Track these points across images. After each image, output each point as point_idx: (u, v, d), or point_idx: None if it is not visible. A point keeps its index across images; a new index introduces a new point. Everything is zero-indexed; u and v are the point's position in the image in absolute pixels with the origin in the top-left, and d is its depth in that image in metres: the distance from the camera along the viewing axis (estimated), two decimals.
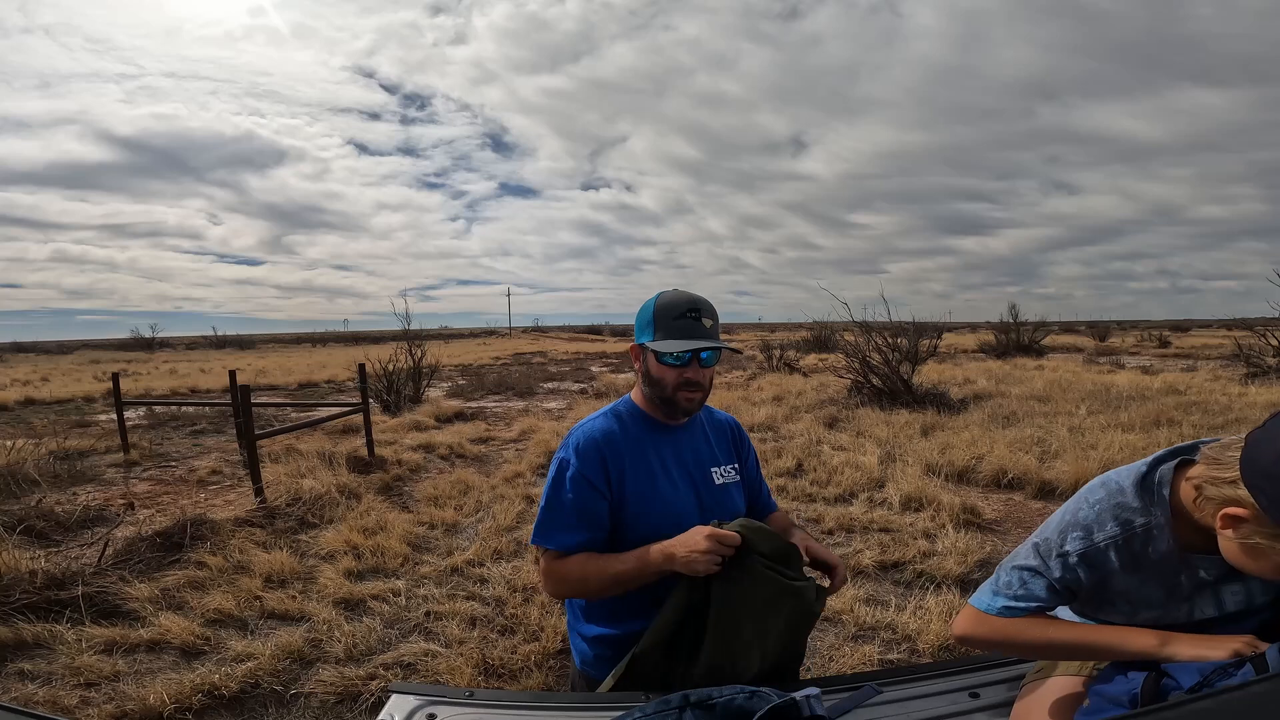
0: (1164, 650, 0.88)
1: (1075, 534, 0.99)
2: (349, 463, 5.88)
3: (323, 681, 2.48)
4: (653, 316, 1.24)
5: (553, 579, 1.20)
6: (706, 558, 1.04)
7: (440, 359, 16.85)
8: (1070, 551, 0.97)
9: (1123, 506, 0.96)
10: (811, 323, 20.46)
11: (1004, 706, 1.07)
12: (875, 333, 10.02)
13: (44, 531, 4.13)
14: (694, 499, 1.27)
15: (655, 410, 1.30)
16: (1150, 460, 0.97)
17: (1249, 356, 13.26)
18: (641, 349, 1.28)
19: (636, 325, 1.29)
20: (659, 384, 1.25)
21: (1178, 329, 48.55)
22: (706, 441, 1.36)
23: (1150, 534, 0.94)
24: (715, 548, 1.05)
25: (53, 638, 2.77)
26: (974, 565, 3.48)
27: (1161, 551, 0.94)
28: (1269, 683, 0.72)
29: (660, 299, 1.26)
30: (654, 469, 1.25)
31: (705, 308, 1.23)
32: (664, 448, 1.29)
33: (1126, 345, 27.57)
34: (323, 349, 45.69)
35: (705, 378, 1.25)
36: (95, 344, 64.15)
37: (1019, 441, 6.27)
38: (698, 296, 1.25)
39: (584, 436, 1.25)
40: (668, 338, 1.21)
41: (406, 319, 13.52)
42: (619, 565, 1.14)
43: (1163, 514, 0.93)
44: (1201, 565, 0.94)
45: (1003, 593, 1.05)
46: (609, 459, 1.22)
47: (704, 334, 1.22)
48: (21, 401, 13.05)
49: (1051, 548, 1.01)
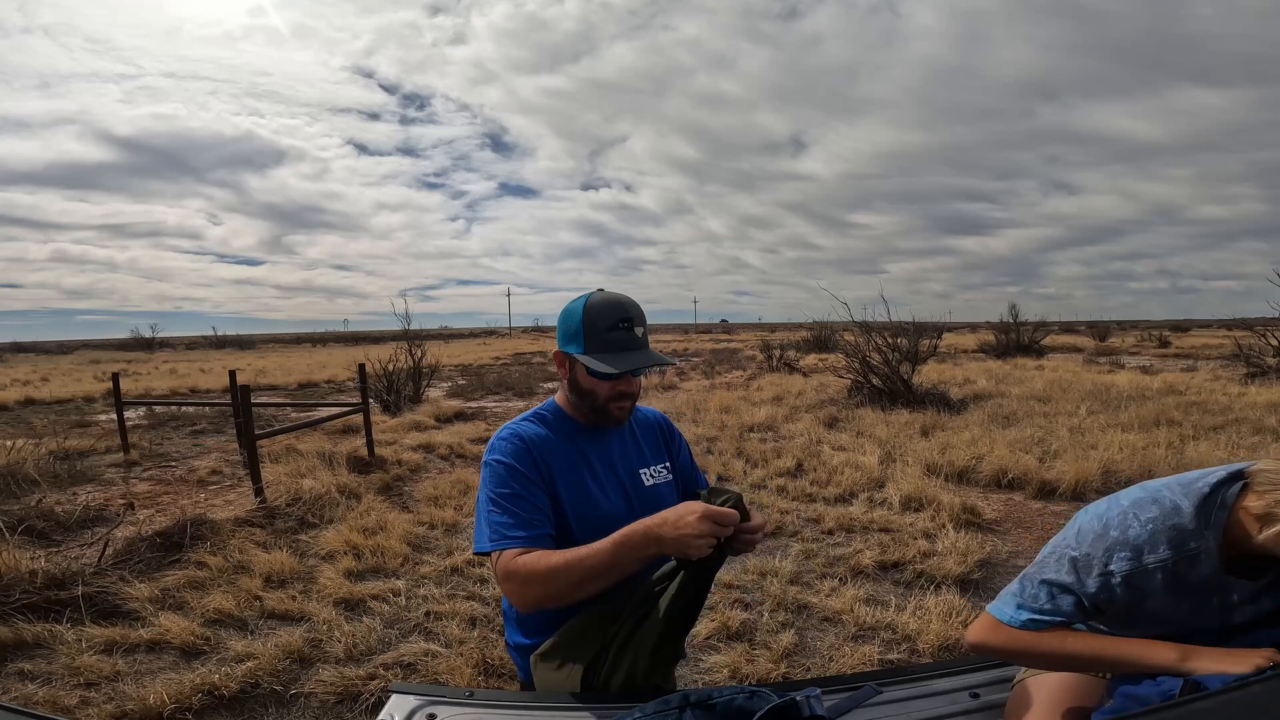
0: (1185, 665, 0.87)
1: (1123, 554, 0.94)
2: (349, 463, 5.88)
3: (323, 681, 2.48)
4: (581, 326, 1.16)
5: (517, 579, 1.02)
6: (701, 540, 0.92)
7: (440, 359, 16.85)
8: (1115, 572, 0.94)
9: (1179, 529, 0.92)
10: (811, 323, 20.48)
11: (1003, 706, 1.06)
12: (875, 333, 10.02)
13: (44, 531, 4.13)
14: (624, 503, 1.22)
15: (582, 416, 1.25)
16: (1212, 482, 0.93)
17: (1249, 356, 13.25)
18: (567, 357, 1.21)
19: (561, 331, 1.22)
20: (590, 395, 1.20)
21: (1178, 329, 48.54)
22: (635, 442, 1.32)
23: (1198, 558, 0.91)
24: (711, 529, 0.92)
25: (53, 638, 2.77)
26: (974, 565, 3.48)
27: (1204, 575, 0.92)
28: (1268, 683, 0.72)
29: (589, 306, 1.17)
30: (583, 474, 1.20)
31: (636, 314, 1.18)
32: (591, 452, 1.24)
33: (1126, 345, 27.57)
34: (323, 349, 45.70)
35: (637, 387, 1.23)
36: (95, 344, 64.18)
37: (1019, 441, 6.27)
38: (627, 300, 1.19)
39: (511, 437, 1.18)
40: (602, 351, 1.15)
41: (406, 319, 13.54)
42: (591, 552, 0.99)
43: (1215, 539, 0.91)
44: (1236, 588, 0.92)
45: (1028, 605, 1.01)
46: (539, 459, 1.16)
47: (638, 345, 1.18)
48: (21, 401, 13.05)
49: (1093, 565, 0.96)
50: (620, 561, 0.97)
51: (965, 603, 2.98)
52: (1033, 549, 3.86)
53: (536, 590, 1.01)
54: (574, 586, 0.99)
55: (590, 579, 0.98)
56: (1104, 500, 1.04)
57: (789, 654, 2.68)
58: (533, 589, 1.01)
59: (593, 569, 0.98)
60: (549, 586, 1.00)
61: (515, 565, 1.03)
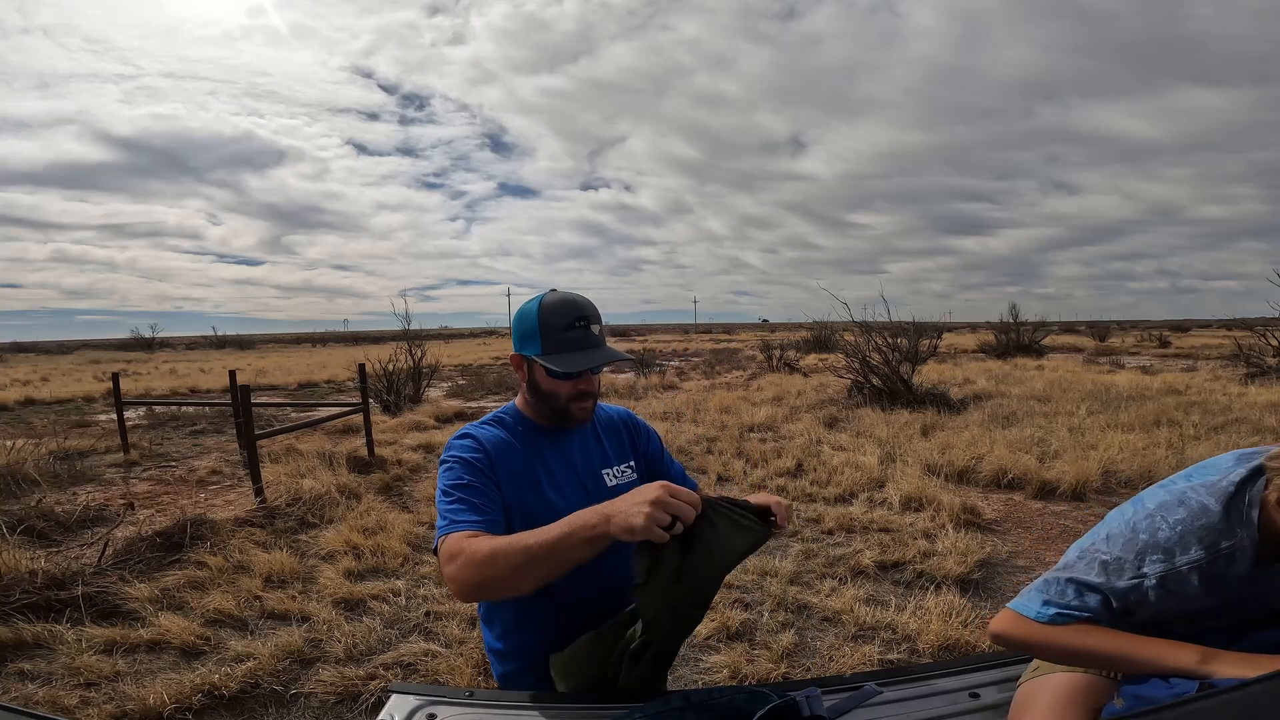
0: (1204, 668, 0.86)
1: (1155, 557, 0.94)
2: (349, 463, 5.88)
3: (323, 681, 2.48)
4: (537, 326, 1.15)
5: (457, 561, 0.95)
6: (648, 511, 0.82)
7: (440, 359, 16.86)
8: (1149, 574, 0.93)
9: (1209, 529, 0.92)
10: (811, 323, 20.48)
11: (1004, 706, 1.06)
12: (875, 333, 10.02)
13: (44, 531, 4.13)
14: (583, 505, 1.15)
15: (543, 418, 1.24)
16: (1236, 481, 0.93)
17: (1249, 356, 13.26)
18: (524, 359, 1.20)
19: (517, 334, 1.20)
20: (550, 397, 1.19)
21: (1178, 329, 48.56)
22: (597, 443, 1.30)
23: (1233, 557, 0.91)
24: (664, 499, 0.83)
25: (53, 638, 2.77)
26: (974, 565, 3.47)
27: (1240, 573, 0.92)
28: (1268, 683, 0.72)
29: (543, 307, 1.16)
30: (539, 477, 1.18)
31: (592, 312, 1.17)
32: (551, 455, 1.22)
33: (1126, 345, 27.58)
34: (323, 349, 45.71)
35: (597, 385, 1.22)
36: (95, 344, 64.17)
37: (1019, 441, 6.27)
38: (581, 299, 1.18)
39: (465, 437, 1.18)
40: (559, 350, 1.14)
41: (406, 319, 13.55)
42: (537, 534, 0.91)
43: (1249, 536, 0.91)
44: (1275, 578, 0.92)
45: (1054, 601, 1.01)
46: (495, 461, 1.14)
47: (596, 343, 1.17)
48: (21, 401, 13.06)
49: (1124, 569, 0.96)
50: (567, 544, 0.89)
51: (965, 603, 2.98)
52: (1033, 549, 3.86)
53: (475, 573, 0.93)
54: (515, 571, 0.90)
55: (533, 563, 0.90)
56: (1128, 503, 1.04)
57: (789, 654, 2.68)
58: (471, 572, 0.94)
59: (536, 552, 0.89)
60: (488, 569, 0.92)
61: (459, 546, 0.97)
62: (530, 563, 0.90)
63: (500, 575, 0.91)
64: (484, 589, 0.95)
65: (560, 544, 0.89)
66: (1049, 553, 3.78)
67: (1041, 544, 3.94)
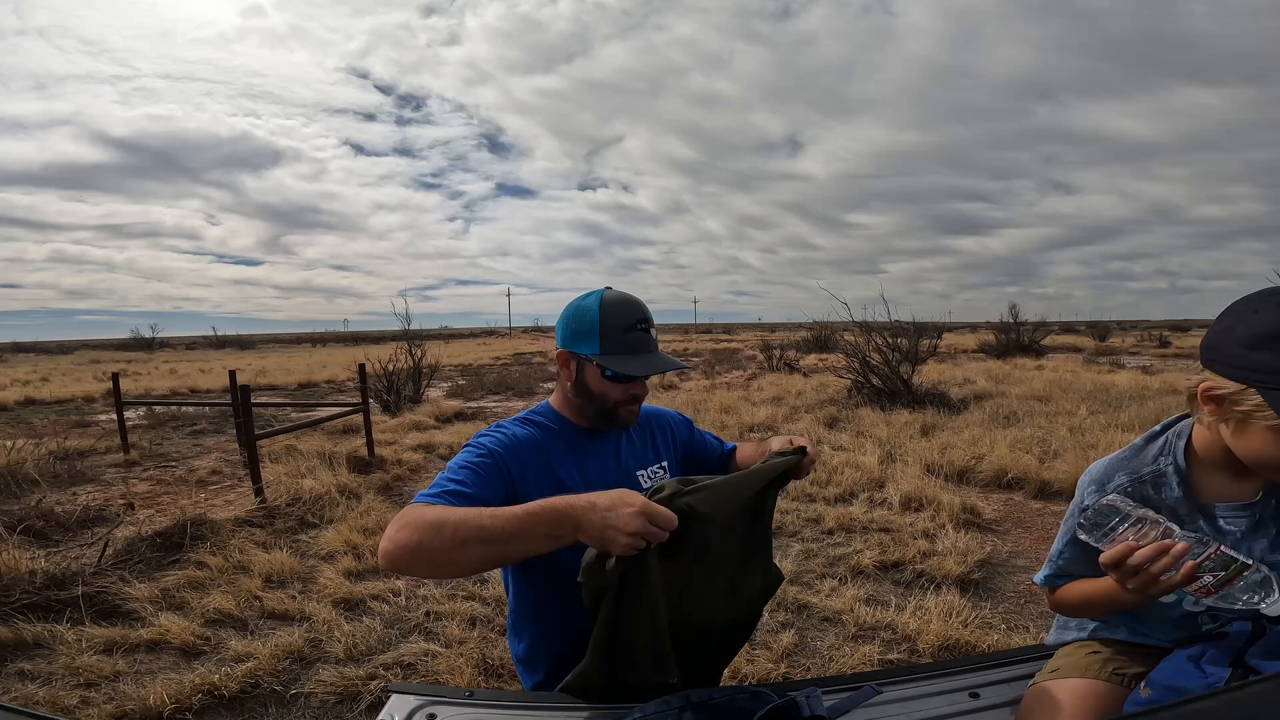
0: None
1: (1090, 489, 1.07)
2: (349, 463, 5.88)
3: (323, 681, 2.48)
4: (597, 325, 1.11)
5: (401, 521, 0.88)
6: (628, 539, 0.80)
7: (440, 359, 16.85)
8: (1089, 506, 1.00)
9: (1133, 457, 1.04)
10: (811, 323, 20.48)
11: (1004, 706, 1.06)
12: (875, 333, 10.02)
13: (44, 531, 4.13)
14: None
15: (583, 419, 1.20)
16: (1163, 422, 1.06)
17: None
18: (574, 357, 1.15)
19: (570, 331, 1.16)
20: (599, 398, 1.15)
21: (1177, 329, 48.54)
22: (632, 444, 1.28)
23: (1160, 480, 0.99)
24: (644, 528, 0.80)
25: (53, 638, 2.77)
26: (974, 565, 3.47)
27: (1174, 498, 0.97)
28: (1269, 683, 0.72)
29: (605, 305, 1.13)
30: (574, 478, 1.14)
31: (649, 316, 1.16)
32: (588, 456, 1.19)
33: (1126, 345, 27.56)
34: (322, 349, 45.70)
35: (646, 389, 1.21)
36: (95, 344, 64.19)
37: (1019, 441, 6.27)
38: (641, 301, 1.16)
39: (495, 432, 1.14)
40: (619, 352, 1.10)
41: (406, 319, 13.53)
42: (494, 513, 0.85)
43: (1170, 463, 0.98)
44: (1223, 514, 0.96)
45: (1048, 565, 1.17)
46: (520, 457, 1.09)
47: (654, 348, 1.15)
48: (21, 401, 13.05)
49: (1074, 511, 1.11)
50: (524, 532, 0.83)
51: (965, 603, 2.98)
52: (1033, 549, 3.86)
53: (413, 536, 0.85)
54: (459, 544, 0.83)
55: (484, 541, 0.83)
56: None
57: (789, 654, 2.68)
58: (409, 534, 0.85)
59: (491, 532, 0.83)
60: (429, 534, 0.84)
61: (412, 508, 0.91)
62: (481, 540, 0.83)
63: (441, 545, 0.83)
64: (417, 556, 0.85)
65: (519, 531, 0.83)
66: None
67: (1042, 544, 3.94)
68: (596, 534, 0.81)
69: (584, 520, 0.82)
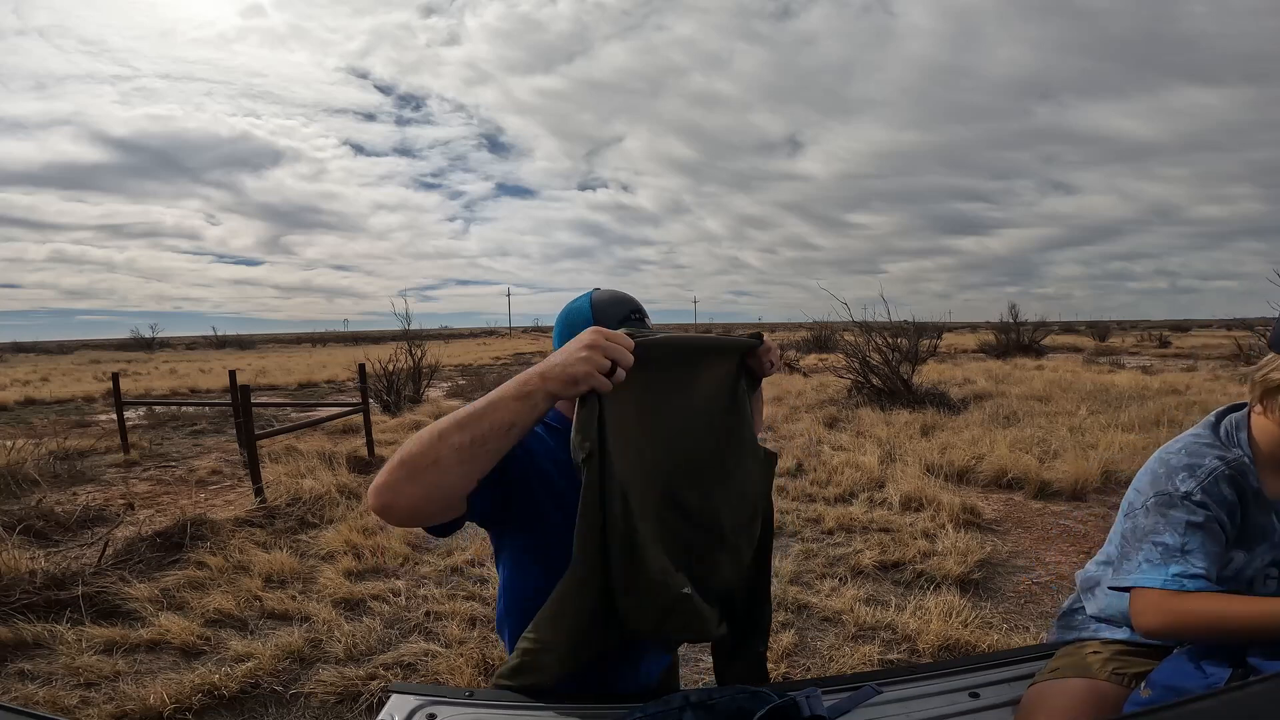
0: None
1: (1181, 475, 0.94)
2: (349, 463, 5.88)
3: (323, 681, 2.48)
4: (591, 322, 1.08)
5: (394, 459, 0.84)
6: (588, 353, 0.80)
7: (440, 359, 16.86)
8: (1189, 491, 0.92)
9: (1210, 444, 0.96)
10: (811, 323, 20.49)
11: (1004, 706, 1.06)
12: (875, 333, 10.02)
13: (44, 531, 4.13)
14: None
15: None
16: (1214, 413, 0.99)
17: (1249, 356, 13.27)
18: None
19: (567, 332, 1.12)
20: None
21: (1177, 329, 48.58)
22: None
23: (1244, 468, 0.93)
24: (597, 341, 0.81)
25: (53, 638, 2.77)
26: (974, 565, 3.47)
27: (1254, 489, 0.93)
28: (1269, 683, 0.72)
29: (596, 303, 1.11)
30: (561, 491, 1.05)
31: (641, 306, 1.15)
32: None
33: (1126, 345, 27.58)
34: (323, 349, 45.71)
35: None
36: (95, 344, 64.20)
37: (1019, 441, 6.28)
38: (629, 295, 1.14)
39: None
40: None
41: (406, 319, 13.53)
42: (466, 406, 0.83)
43: (1244, 453, 0.94)
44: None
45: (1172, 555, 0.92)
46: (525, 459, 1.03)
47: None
48: (21, 401, 13.06)
49: (1174, 502, 0.93)
50: (496, 403, 0.81)
51: (965, 603, 2.98)
52: (1032, 549, 3.86)
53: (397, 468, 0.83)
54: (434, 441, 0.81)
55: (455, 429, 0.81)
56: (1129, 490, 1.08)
57: (789, 654, 2.68)
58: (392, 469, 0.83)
59: (460, 417, 0.81)
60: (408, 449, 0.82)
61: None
62: (457, 426, 0.80)
63: (421, 449, 0.81)
64: (403, 473, 0.82)
65: (491, 403, 0.81)
66: (1049, 552, 3.78)
67: (1041, 544, 3.94)
68: (559, 372, 0.81)
69: (547, 367, 0.82)
